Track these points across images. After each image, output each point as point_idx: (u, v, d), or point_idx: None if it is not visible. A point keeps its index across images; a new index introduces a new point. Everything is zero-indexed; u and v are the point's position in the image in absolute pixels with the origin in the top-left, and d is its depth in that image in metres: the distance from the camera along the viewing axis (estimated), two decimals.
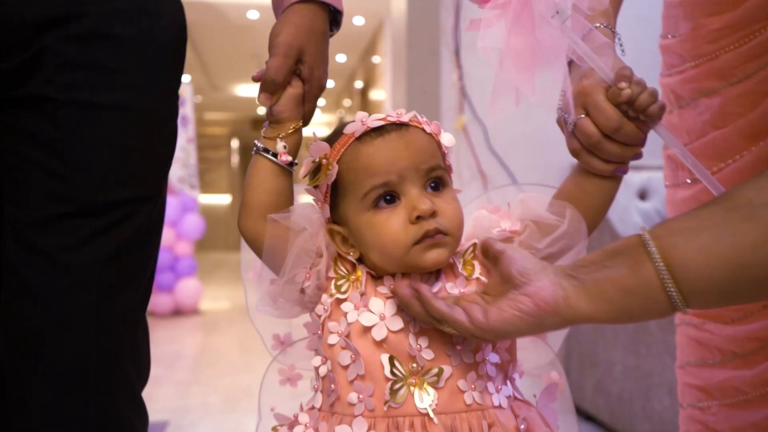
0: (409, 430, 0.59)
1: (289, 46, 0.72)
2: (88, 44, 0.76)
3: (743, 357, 0.74)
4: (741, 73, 0.73)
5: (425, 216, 0.60)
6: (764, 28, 0.70)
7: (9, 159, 0.78)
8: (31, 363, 0.76)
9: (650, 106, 0.58)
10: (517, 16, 0.58)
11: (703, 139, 0.77)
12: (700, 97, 0.78)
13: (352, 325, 0.63)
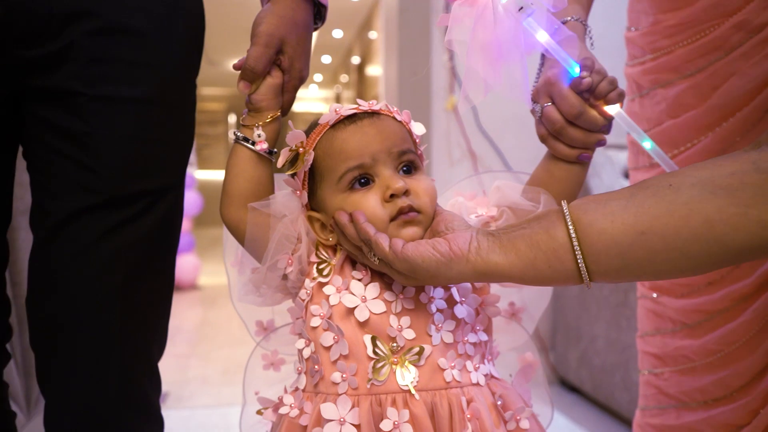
0: (391, 407, 0.61)
1: (270, 36, 0.73)
2: (112, 39, 0.78)
3: (691, 327, 0.80)
4: (693, 67, 0.77)
5: (398, 194, 0.63)
6: (715, 27, 0.74)
7: (40, 151, 0.81)
8: (57, 341, 0.81)
9: (609, 93, 0.62)
10: (484, 11, 0.61)
11: (659, 127, 0.82)
12: (657, 88, 0.82)
13: (334, 307, 0.65)
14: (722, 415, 0.77)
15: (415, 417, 0.60)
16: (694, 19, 0.77)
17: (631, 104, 0.86)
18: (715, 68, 0.76)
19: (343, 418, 0.61)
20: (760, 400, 0.75)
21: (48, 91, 0.78)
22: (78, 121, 0.78)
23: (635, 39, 0.85)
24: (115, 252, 0.80)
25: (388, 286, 0.65)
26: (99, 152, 0.79)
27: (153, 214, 0.82)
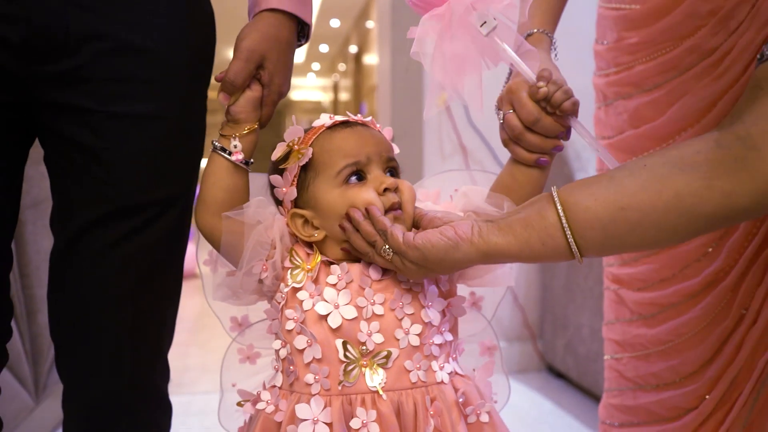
0: (360, 406, 0.65)
1: (251, 52, 0.76)
2: (126, 58, 0.80)
3: (646, 318, 0.86)
4: (651, 84, 0.83)
5: (391, 188, 0.69)
6: (670, 48, 0.80)
7: (58, 161, 0.84)
8: (75, 336, 0.86)
9: (564, 102, 0.66)
10: (449, 25, 0.66)
11: (621, 135, 0.88)
12: (620, 99, 0.88)
13: (307, 312, 0.67)
14: (672, 399, 0.84)
15: (383, 415, 0.64)
16: (651, 39, 0.83)
17: (597, 111, 0.92)
18: (671, 86, 0.82)
19: (317, 418, 0.64)
20: (706, 387, 0.82)
21: (64, 106, 0.80)
22: (93, 137, 0.80)
23: (602, 52, 0.91)
24: (127, 257, 0.83)
25: (359, 292, 0.68)
26: (112, 166, 0.82)
27: (163, 222, 0.85)
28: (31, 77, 0.78)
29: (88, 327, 0.85)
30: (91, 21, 0.77)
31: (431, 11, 0.68)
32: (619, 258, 0.90)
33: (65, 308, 0.86)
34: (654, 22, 0.82)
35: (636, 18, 0.84)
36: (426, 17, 0.68)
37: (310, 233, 0.71)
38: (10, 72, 0.77)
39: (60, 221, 0.86)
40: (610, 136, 0.90)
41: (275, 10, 0.79)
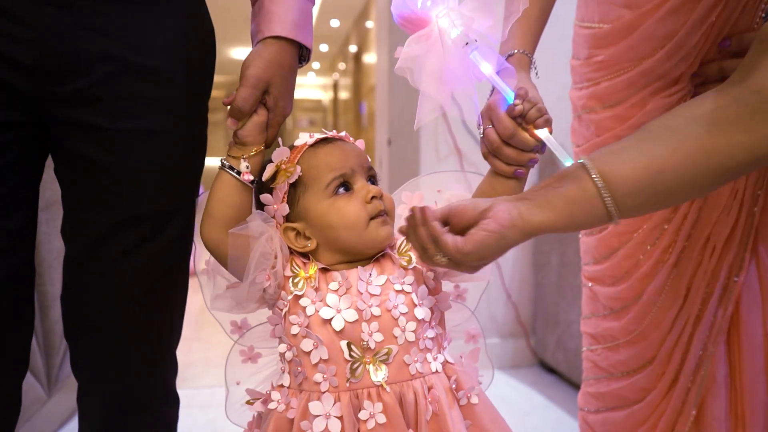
0: (367, 399, 0.70)
1: (258, 79, 0.79)
2: (134, 77, 0.83)
3: (616, 312, 0.93)
4: (613, 100, 0.90)
5: (377, 196, 0.74)
6: (630, 68, 0.87)
7: (69, 174, 0.87)
8: (88, 337, 0.91)
9: (537, 119, 0.72)
10: (435, 44, 0.72)
11: (588, 143, 0.95)
12: (587, 113, 0.94)
13: (311, 317, 0.72)
14: (639, 381, 0.91)
15: (387, 406, 0.70)
16: (616, 58, 0.89)
17: (572, 122, 0.99)
18: (631, 102, 0.88)
19: (329, 413, 0.70)
20: (663, 366, 0.89)
21: (75, 124, 0.83)
22: (103, 152, 0.83)
23: (576, 67, 0.97)
24: (138, 264, 0.87)
25: (358, 296, 0.73)
26: (121, 179, 0.85)
27: (169, 230, 0.89)
28: (44, 96, 0.81)
29: (101, 329, 0.89)
30: (100, 43, 0.80)
31: (418, 32, 0.74)
32: (592, 257, 0.98)
33: (79, 312, 0.91)
34: (618, 41, 0.88)
35: (603, 37, 0.91)
36: (412, 38, 0.73)
37: (303, 244, 0.76)
38: (23, 92, 0.80)
39: (72, 230, 0.89)
40: (580, 144, 0.97)
41: (278, 37, 0.82)
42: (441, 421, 0.71)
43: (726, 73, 0.82)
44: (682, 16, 0.82)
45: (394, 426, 0.70)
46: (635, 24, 0.85)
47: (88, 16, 0.80)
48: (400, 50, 0.74)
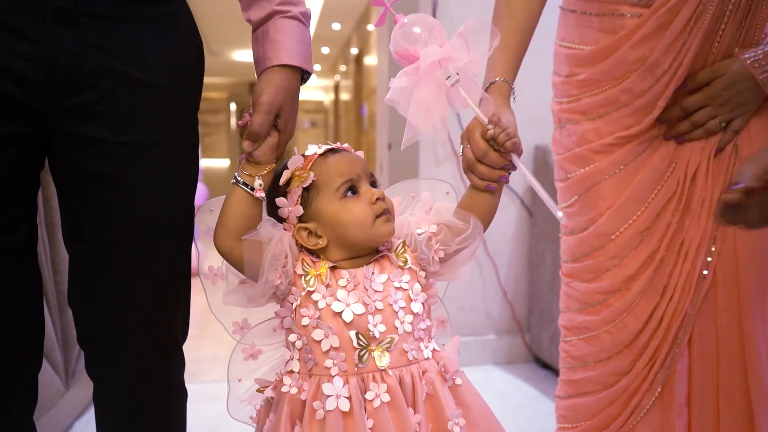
0: (373, 382, 0.79)
1: (271, 105, 0.85)
2: (137, 92, 0.88)
3: (592, 306, 1.02)
4: (594, 114, 0.99)
5: (381, 198, 0.84)
6: (610, 87, 0.96)
7: (70, 186, 0.91)
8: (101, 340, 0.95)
9: (506, 142, 0.80)
10: (422, 78, 0.81)
11: (569, 152, 1.04)
12: (570, 124, 1.03)
13: (323, 310, 0.80)
14: (613, 367, 1.01)
15: (390, 387, 0.79)
16: (595, 78, 0.98)
17: (554, 132, 1.08)
18: (611, 117, 0.97)
19: (339, 394, 0.78)
20: (639, 353, 0.98)
21: (79, 137, 0.86)
22: (106, 165, 0.87)
23: (557, 83, 1.06)
24: (141, 272, 0.92)
25: (365, 293, 0.81)
26: (125, 190, 0.89)
27: (171, 237, 0.94)
28: (50, 111, 0.84)
29: (113, 334, 0.94)
30: (104, 59, 0.85)
31: (407, 67, 0.83)
32: (571, 255, 1.06)
33: (89, 320, 0.95)
34: (596, 63, 0.97)
35: (583, 58, 0.99)
36: (402, 71, 0.83)
37: (315, 242, 0.84)
38: (31, 106, 0.83)
39: (74, 240, 0.93)
40: (560, 153, 1.06)
41: (285, 65, 0.89)
42: (435, 400, 0.81)
43: (688, 111, 0.93)
44: (649, 43, 0.91)
45: (397, 405, 0.79)
46: (612, 48, 0.95)
47: (91, 34, 0.84)
48: (393, 81, 0.84)
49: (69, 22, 0.83)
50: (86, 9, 0.83)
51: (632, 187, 0.98)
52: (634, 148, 0.97)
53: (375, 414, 0.78)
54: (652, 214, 0.97)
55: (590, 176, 1.01)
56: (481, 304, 2.48)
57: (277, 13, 0.91)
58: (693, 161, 0.95)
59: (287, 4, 0.91)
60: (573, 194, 1.04)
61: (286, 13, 0.91)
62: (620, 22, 0.94)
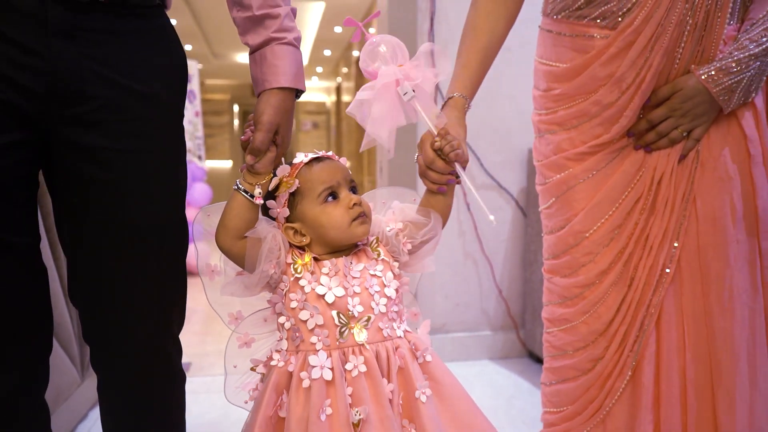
0: (352, 355, 0.88)
1: (271, 124, 0.93)
2: (133, 102, 0.94)
3: (570, 299, 1.11)
4: (569, 125, 1.08)
5: (358, 203, 0.94)
6: (583, 100, 1.06)
7: (67, 190, 0.96)
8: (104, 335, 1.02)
9: (449, 153, 0.91)
10: (378, 93, 0.91)
11: (547, 159, 1.13)
12: (548, 134, 1.13)
13: (308, 293, 0.90)
14: (589, 354, 1.09)
15: (367, 360, 0.88)
16: (569, 92, 1.07)
17: (534, 141, 1.18)
18: (583, 128, 1.06)
19: (323, 365, 0.87)
20: (609, 339, 1.08)
21: (77, 144, 0.92)
22: (105, 171, 0.93)
23: (536, 97, 1.16)
24: (141, 272, 0.98)
25: (344, 278, 0.91)
26: (123, 194, 0.95)
27: (168, 238, 1.01)
28: (51, 119, 0.90)
29: (114, 331, 1.01)
30: (102, 71, 0.91)
31: (368, 83, 0.94)
32: (551, 253, 1.15)
33: (92, 318, 1.02)
34: (570, 79, 1.07)
35: (559, 74, 1.08)
36: (364, 87, 0.93)
37: (300, 239, 0.94)
38: (33, 115, 0.89)
39: (73, 243, 0.99)
40: (540, 160, 1.16)
41: (283, 88, 0.96)
42: (406, 372, 0.90)
43: (653, 123, 1.02)
44: (615, 61, 1.01)
45: (373, 375, 0.88)
46: (584, 66, 1.04)
47: (88, 47, 0.90)
48: (357, 93, 0.94)
49: (67, 35, 0.88)
50: (83, 23, 0.89)
51: (605, 190, 1.07)
52: (605, 156, 1.07)
53: (354, 382, 0.87)
54: (623, 214, 1.06)
55: (566, 181, 1.10)
56: (477, 302, 2.58)
57: (274, 39, 0.98)
58: (659, 167, 1.04)
59: (283, 32, 0.98)
60: (551, 196, 1.14)
61: (281, 39, 0.98)
62: (591, 43, 1.04)
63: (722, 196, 1.02)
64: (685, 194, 1.03)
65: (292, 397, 0.88)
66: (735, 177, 1.02)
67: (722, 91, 0.99)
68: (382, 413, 0.87)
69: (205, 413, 2.05)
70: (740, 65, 0.98)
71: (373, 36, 0.94)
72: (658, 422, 1.05)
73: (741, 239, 1.01)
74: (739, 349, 1.00)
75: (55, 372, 1.45)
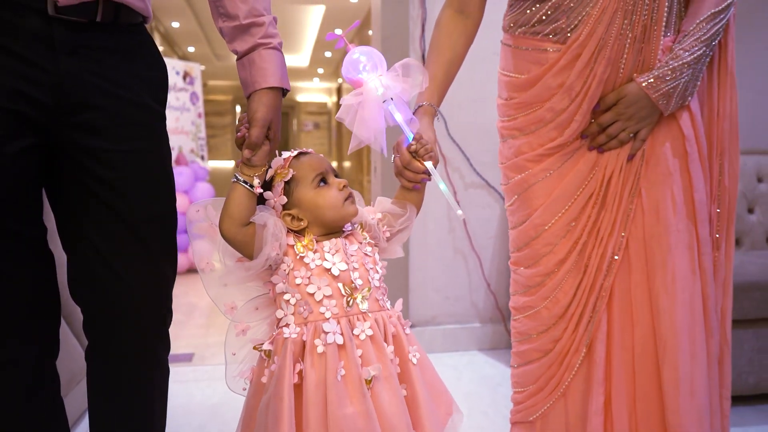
0: (358, 321, 0.98)
1: (265, 120, 1.02)
2: (133, 109, 1.05)
3: (533, 287, 1.23)
4: (528, 129, 1.20)
5: (346, 185, 1.05)
6: (539, 107, 1.17)
7: (74, 189, 1.05)
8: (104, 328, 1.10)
9: (424, 155, 1.04)
10: (364, 100, 1.03)
11: (509, 162, 1.25)
12: (510, 139, 1.25)
13: (314, 269, 0.98)
14: (550, 336, 1.20)
15: (372, 326, 0.98)
16: (527, 101, 1.19)
17: (499, 145, 1.29)
18: (540, 132, 1.18)
19: (334, 331, 0.96)
20: (567, 321, 1.19)
21: (84, 147, 1.02)
22: (106, 170, 1.03)
23: (500, 105, 1.27)
24: (141, 264, 1.07)
25: (346, 255, 1.00)
26: (124, 191, 1.05)
27: (163, 232, 1.12)
28: (58, 126, 1.00)
29: (111, 326, 1.09)
30: (100, 83, 1.01)
31: (354, 90, 1.05)
32: (516, 246, 1.27)
33: (91, 313, 1.11)
34: (528, 89, 1.18)
35: (518, 84, 1.19)
36: (350, 94, 1.04)
37: (298, 224, 1.03)
38: (43, 123, 0.99)
39: (75, 239, 1.08)
40: (504, 163, 1.27)
41: (272, 87, 1.06)
42: (398, 338, 1.02)
43: (603, 126, 1.14)
44: (565, 72, 1.13)
45: (377, 338, 0.98)
46: (539, 76, 1.16)
47: (90, 62, 1.00)
48: (342, 100, 1.06)
49: (70, 52, 0.98)
50: (83, 41, 1.00)
51: (561, 187, 1.18)
52: (560, 157, 1.18)
53: (362, 345, 0.97)
54: (578, 208, 1.17)
55: (526, 180, 1.22)
56: (467, 295, 2.70)
57: (261, 45, 1.07)
58: (610, 166, 1.15)
59: (268, 38, 1.07)
60: (514, 194, 1.26)
61: (267, 45, 1.07)
62: (545, 56, 1.15)
63: (664, 190, 1.13)
64: (631, 189, 1.15)
65: (307, 364, 0.95)
66: (675, 172, 1.13)
67: (661, 96, 1.10)
68: (387, 371, 0.97)
69: (207, 399, 2.17)
70: (675, 73, 1.09)
71: (354, 47, 1.05)
72: (609, 394, 1.17)
73: (681, 228, 1.12)
74: (681, 326, 1.11)
75: (68, 359, 1.55)
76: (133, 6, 1.05)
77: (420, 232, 2.63)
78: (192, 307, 3.64)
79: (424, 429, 0.99)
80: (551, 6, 1.13)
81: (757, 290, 1.97)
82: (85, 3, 0.98)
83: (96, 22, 1.01)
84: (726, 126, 1.18)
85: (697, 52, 1.10)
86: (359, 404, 0.93)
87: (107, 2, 1.01)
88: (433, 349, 2.62)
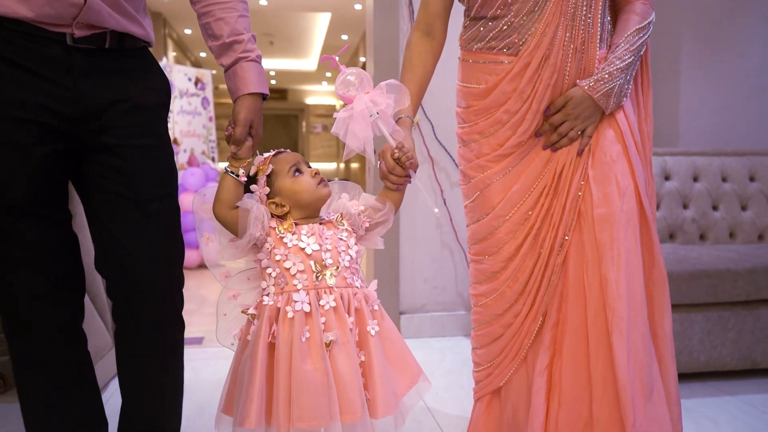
0: (324, 294, 1.10)
1: (247, 120, 1.21)
2: (138, 111, 1.23)
3: (496, 273, 1.38)
4: (488, 132, 1.37)
5: (318, 172, 1.18)
6: (496, 111, 1.34)
7: (94, 180, 1.24)
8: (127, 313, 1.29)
9: (406, 162, 1.19)
10: (354, 115, 1.19)
11: (470, 163, 1.42)
12: (471, 143, 1.41)
13: (291, 248, 1.12)
14: (513, 311, 1.36)
15: (335, 299, 1.10)
16: (485, 107, 1.34)
17: (459, 149, 1.45)
18: (498, 134, 1.35)
19: (303, 300, 1.09)
20: (526, 297, 1.33)
21: (100, 145, 1.20)
22: (120, 162, 1.22)
23: (459, 113, 1.44)
24: (147, 241, 1.24)
25: (319, 237, 1.14)
26: (134, 179, 1.22)
27: (166, 207, 1.28)
28: (78, 132, 1.18)
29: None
30: (110, 95, 1.19)
31: (346, 106, 1.21)
32: (477, 237, 1.42)
33: (117, 290, 1.29)
34: (486, 96, 1.34)
35: (478, 93, 1.35)
36: (342, 110, 1.21)
37: (281, 210, 1.17)
38: (65, 131, 1.17)
39: (95, 221, 1.27)
40: (464, 164, 1.43)
41: (252, 93, 1.25)
42: (360, 313, 1.15)
43: (554, 126, 1.32)
44: (518, 79, 1.31)
45: (339, 310, 1.11)
46: (496, 84, 1.34)
47: (101, 80, 1.18)
48: (336, 115, 1.23)
49: (85, 73, 1.17)
50: (97, 63, 1.19)
51: (520, 182, 1.33)
52: (517, 156, 1.35)
53: (325, 314, 1.10)
54: (533, 199, 1.33)
55: (487, 178, 1.37)
56: (453, 284, 2.89)
57: (242, 58, 1.26)
58: (561, 161, 1.31)
59: (247, 52, 1.26)
60: (475, 191, 1.41)
61: (247, 58, 1.26)
62: (500, 67, 1.32)
63: (609, 176, 1.28)
64: (580, 177, 1.31)
65: (280, 326, 1.10)
66: (618, 160, 1.29)
67: (601, 96, 1.28)
68: (345, 338, 1.10)
69: (214, 374, 2.41)
70: (612, 76, 1.28)
71: (344, 68, 1.19)
72: (561, 358, 1.30)
73: (625, 209, 1.27)
74: (623, 293, 1.24)
75: (92, 335, 1.75)
76: (135, 34, 1.24)
77: (410, 228, 2.83)
78: (203, 299, 3.87)
79: (375, 391, 1.11)
80: (505, 23, 1.31)
81: (706, 278, 2.17)
82: (96, 34, 1.18)
83: (105, 48, 1.20)
84: (651, 124, 1.39)
85: (628, 60, 1.30)
86: (318, 363, 1.07)
87: (113, 32, 1.20)
88: (422, 334, 2.83)
